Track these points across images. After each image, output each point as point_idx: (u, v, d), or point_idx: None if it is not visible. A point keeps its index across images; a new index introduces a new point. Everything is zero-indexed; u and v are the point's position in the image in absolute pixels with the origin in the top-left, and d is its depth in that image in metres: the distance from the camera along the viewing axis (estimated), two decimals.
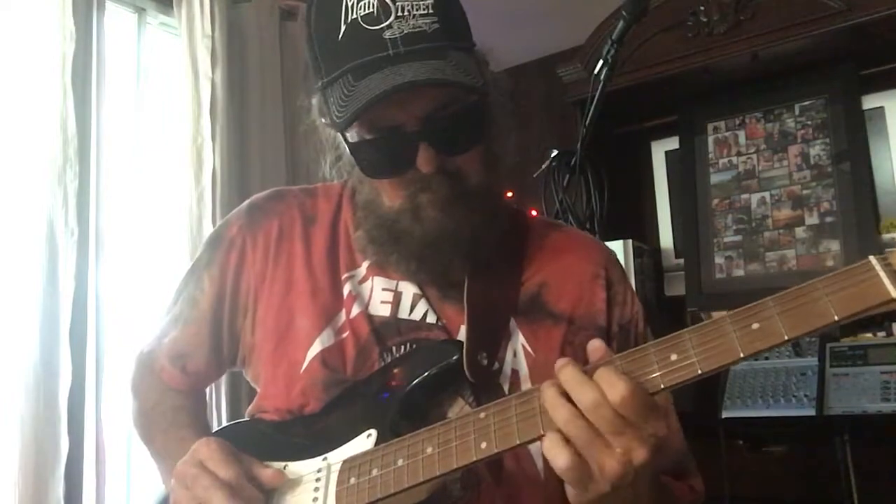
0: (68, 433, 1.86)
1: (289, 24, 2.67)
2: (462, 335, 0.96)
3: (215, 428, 1.11)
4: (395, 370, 0.95)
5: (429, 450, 0.81)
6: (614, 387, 0.70)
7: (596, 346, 0.77)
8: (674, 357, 0.72)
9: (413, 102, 0.87)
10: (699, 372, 0.70)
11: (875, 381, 1.99)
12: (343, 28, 0.89)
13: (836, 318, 0.67)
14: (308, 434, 0.96)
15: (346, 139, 0.95)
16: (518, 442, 0.76)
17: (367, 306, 1.00)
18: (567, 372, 0.74)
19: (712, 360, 0.70)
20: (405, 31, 0.87)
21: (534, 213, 1.32)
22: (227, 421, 2.16)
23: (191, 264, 1.13)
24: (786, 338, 0.68)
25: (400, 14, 0.87)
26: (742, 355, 0.69)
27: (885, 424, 1.97)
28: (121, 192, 2.24)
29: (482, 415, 0.79)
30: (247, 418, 1.06)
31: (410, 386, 0.91)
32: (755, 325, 0.69)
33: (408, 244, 0.95)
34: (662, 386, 0.72)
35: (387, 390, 0.93)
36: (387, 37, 0.86)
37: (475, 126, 0.93)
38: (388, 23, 0.87)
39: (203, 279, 1.08)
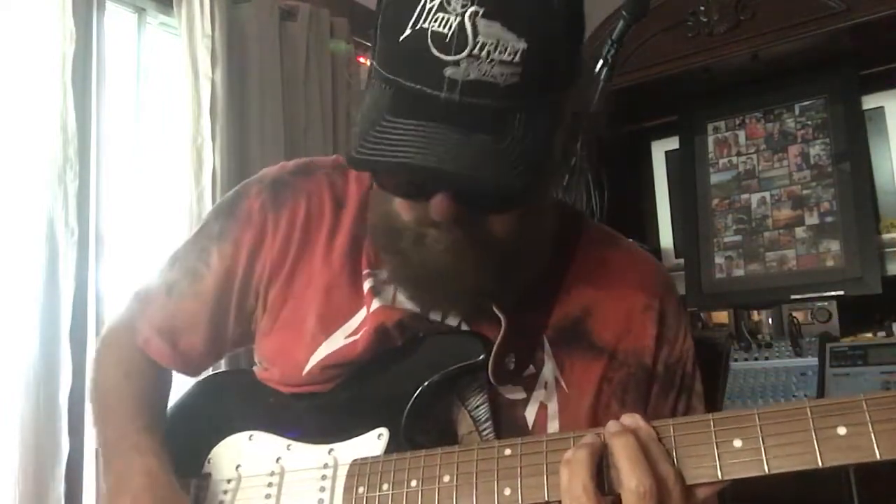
0: (68, 433, 1.86)
1: (289, 24, 2.67)
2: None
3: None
4: (414, 357, 0.88)
5: (446, 478, 0.75)
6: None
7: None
8: (738, 444, 0.62)
9: None
10: (766, 471, 0.61)
11: (875, 381, 1.99)
12: (408, 31, 0.72)
13: None
14: (314, 414, 0.91)
15: None
16: (547, 498, 0.69)
17: (392, 301, 0.91)
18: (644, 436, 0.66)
19: (785, 461, 0.60)
20: (471, 77, 0.70)
21: None
22: None
23: (198, 228, 1.04)
24: (878, 457, 0.56)
25: (475, 52, 0.69)
26: (821, 465, 0.59)
27: None
28: (121, 192, 2.23)
29: (507, 451, 0.73)
30: (249, 370, 1.01)
31: (427, 383, 0.85)
32: (841, 430, 0.58)
33: (403, 265, 0.85)
34: (721, 476, 0.62)
35: (401, 381, 0.87)
36: (447, 74, 0.70)
37: (515, 197, 0.78)
38: (456, 58, 0.70)
39: (210, 253, 0.99)
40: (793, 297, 2.36)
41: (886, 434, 0.56)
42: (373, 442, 0.86)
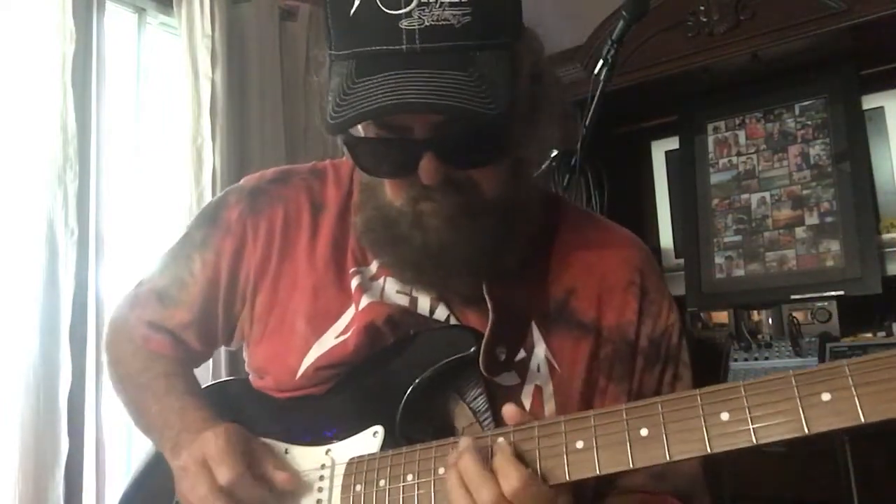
0: (68, 433, 1.86)
1: (289, 24, 2.67)
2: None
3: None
4: (406, 355, 0.89)
5: (441, 470, 0.76)
6: (507, 478, 0.68)
7: (511, 413, 0.74)
8: (725, 416, 0.63)
9: None
10: (754, 441, 0.61)
11: None
12: (357, 2, 0.76)
13: None
14: (311, 417, 0.91)
15: None
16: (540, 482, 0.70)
17: (380, 297, 0.92)
18: (465, 464, 0.71)
19: (772, 430, 0.61)
20: (426, 24, 0.74)
21: None
22: None
23: (181, 236, 1.05)
24: (862, 420, 0.58)
25: (425, 0, 0.74)
26: (807, 431, 0.59)
27: (885, 424, 1.97)
28: (121, 192, 2.24)
29: (500, 440, 0.74)
30: (244, 379, 1.01)
31: (419, 378, 0.86)
32: (826, 396, 0.59)
33: (405, 251, 0.86)
34: (710, 450, 0.63)
35: (394, 378, 0.87)
36: (404, 26, 0.74)
37: (495, 142, 0.81)
38: (408, 9, 0.74)
39: (194, 260, 1.01)
40: (793, 297, 2.36)
41: (869, 397, 0.57)
42: (369, 440, 0.86)
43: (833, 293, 2.29)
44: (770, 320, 2.38)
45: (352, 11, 0.77)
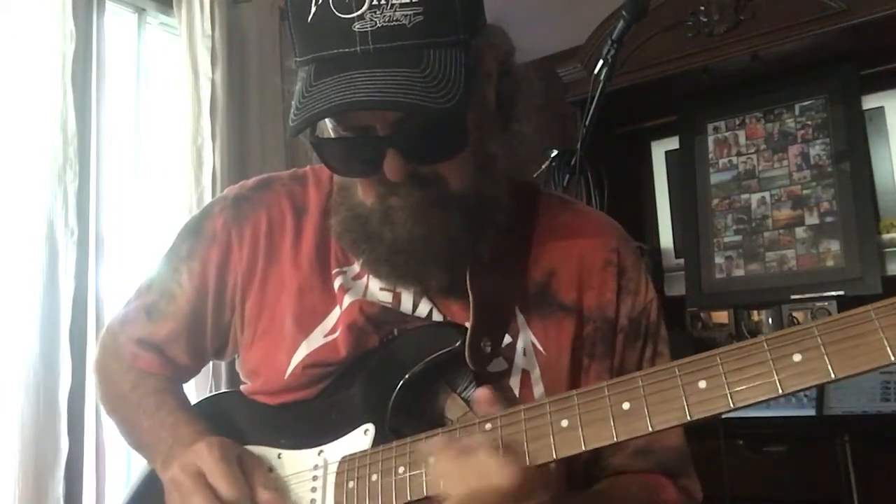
0: (68, 433, 1.87)
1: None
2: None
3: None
4: (392, 354, 0.90)
5: (432, 460, 0.77)
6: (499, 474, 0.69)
7: (482, 396, 0.76)
8: (703, 384, 0.65)
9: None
10: (731, 405, 0.63)
11: (875, 381, 1.99)
12: (314, 9, 0.79)
13: (892, 358, 0.57)
14: (302, 421, 0.93)
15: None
16: (528, 464, 0.71)
17: (363, 296, 0.94)
18: (442, 467, 0.74)
19: (748, 393, 0.63)
20: (378, 25, 0.76)
21: None
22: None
23: (167, 250, 1.06)
24: (833, 377, 0.59)
25: (374, 3, 0.76)
26: (781, 392, 0.61)
27: (885, 424, 1.97)
28: (121, 192, 2.24)
29: (488, 426, 0.75)
30: (237, 390, 1.02)
31: (408, 375, 0.87)
32: (797, 357, 0.61)
33: (377, 247, 0.88)
34: (689, 418, 0.65)
35: (383, 377, 0.88)
36: (356, 29, 0.76)
37: (454, 135, 0.82)
38: (360, 12, 0.76)
39: (181, 272, 1.01)
40: (793, 297, 2.36)
41: (838, 354, 0.59)
42: (360, 438, 0.87)
43: (833, 293, 2.29)
44: (770, 320, 2.38)
45: (309, 18, 0.80)
